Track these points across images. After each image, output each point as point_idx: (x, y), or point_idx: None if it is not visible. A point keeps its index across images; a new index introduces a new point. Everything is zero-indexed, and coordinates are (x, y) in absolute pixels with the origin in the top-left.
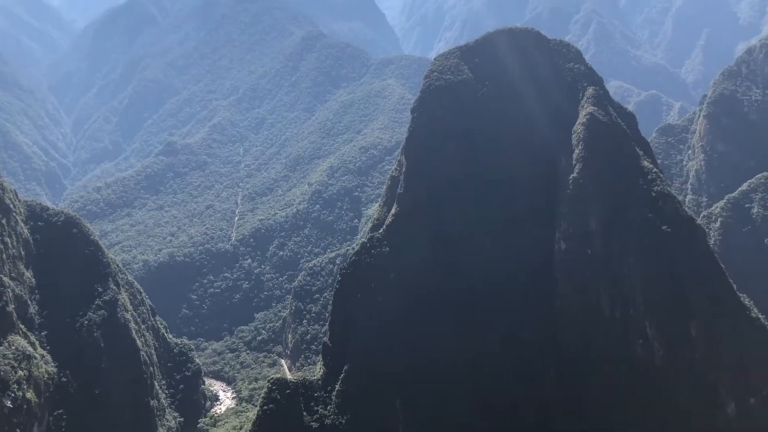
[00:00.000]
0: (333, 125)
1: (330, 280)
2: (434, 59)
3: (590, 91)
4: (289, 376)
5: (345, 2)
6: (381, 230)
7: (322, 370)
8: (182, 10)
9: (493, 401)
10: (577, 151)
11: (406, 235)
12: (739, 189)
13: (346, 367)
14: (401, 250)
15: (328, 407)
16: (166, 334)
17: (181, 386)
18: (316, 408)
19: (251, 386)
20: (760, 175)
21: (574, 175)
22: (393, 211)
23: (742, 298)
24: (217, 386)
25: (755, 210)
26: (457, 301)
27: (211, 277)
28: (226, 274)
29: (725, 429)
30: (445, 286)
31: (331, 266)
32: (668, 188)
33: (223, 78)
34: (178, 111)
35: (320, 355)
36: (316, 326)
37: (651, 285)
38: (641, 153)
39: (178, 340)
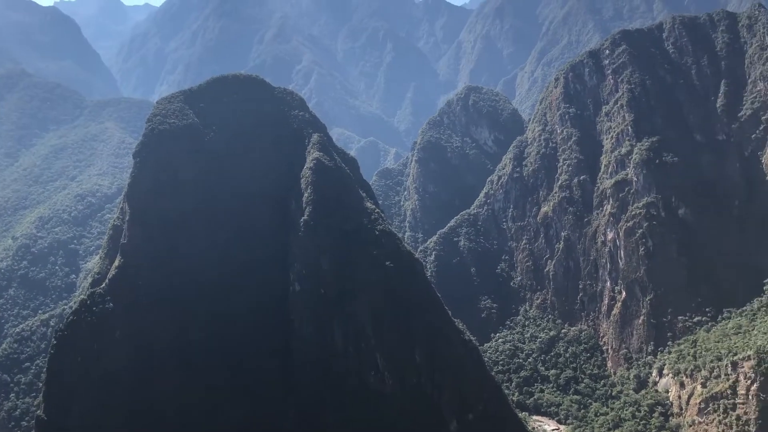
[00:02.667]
0: (42, 171)
1: (43, 345)
2: (157, 102)
3: (315, 137)
4: None
5: (52, 40)
6: (103, 285)
7: None
8: None
9: None
10: (306, 194)
11: (132, 288)
12: (448, 225)
13: None
14: (128, 305)
15: None
16: None
17: None
18: None
19: None
20: (464, 212)
21: (305, 217)
22: (116, 263)
23: (456, 323)
24: None
25: (462, 243)
26: (191, 353)
27: None
28: None
29: None
30: (178, 339)
31: (44, 329)
32: (389, 227)
33: None
34: None
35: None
36: (28, 399)
37: (379, 318)
38: (364, 195)
39: None
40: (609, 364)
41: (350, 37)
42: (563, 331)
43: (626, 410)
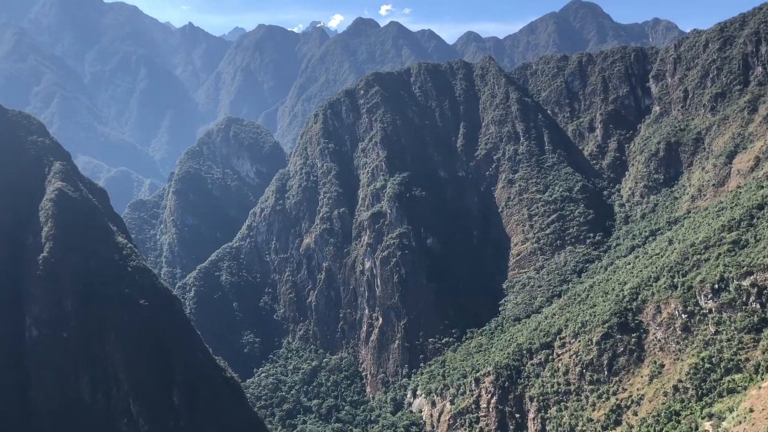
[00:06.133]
0: None
1: None
2: None
3: (57, 166)
4: None
5: None
6: None
7: None
8: None
9: None
10: (46, 228)
11: None
12: (209, 259)
13: None
14: None
15: None
16: None
17: None
18: None
19: None
20: (225, 245)
21: (45, 254)
22: None
23: (217, 360)
24: None
25: (224, 277)
26: None
27: None
28: None
29: None
30: None
31: None
32: (144, 262)
33: None
34: None
35: None
36: None
37: (133, 361)
38: (115, 229)
39: None
40: (368, 389)
41: (99, 60)
42: (325, 360)
43: None
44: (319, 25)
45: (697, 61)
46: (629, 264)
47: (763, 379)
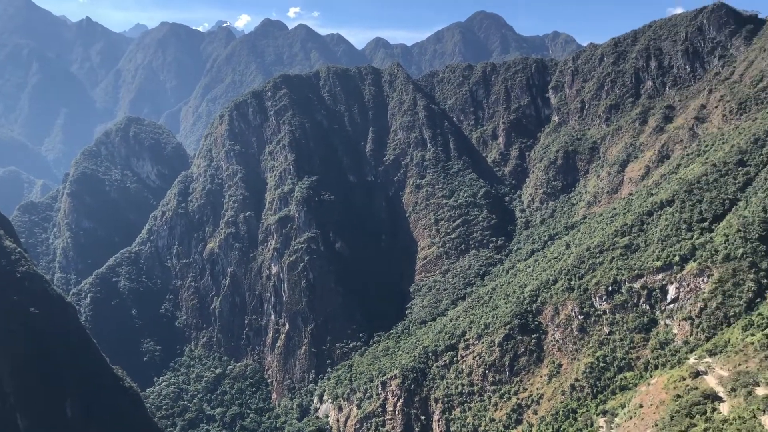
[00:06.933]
0: None
1: None
2: None
3: None
4: None
5: None
6: None
7: None
8: None
9: None
10: None
11: None
12: (106, 264)
13: None
14: None
15: None
16: None
17: None
18: None
19: None
20: (124, 249)
21: None
22: None
23: (115, 370)
24: None
25: (122, 283)
26: None
27: None
28: None
29: None
30: None
31: None
32: (35, 268)
33: None
34: None
35: None
36: None
37: (21, 372)
38: (2, 232)
39: None
40: (274, 396)
41: None
42: (229, 367)
43: None
44: (225, 25)
45: (593, 73)
46: (529, 267)
47: (652, 376)
